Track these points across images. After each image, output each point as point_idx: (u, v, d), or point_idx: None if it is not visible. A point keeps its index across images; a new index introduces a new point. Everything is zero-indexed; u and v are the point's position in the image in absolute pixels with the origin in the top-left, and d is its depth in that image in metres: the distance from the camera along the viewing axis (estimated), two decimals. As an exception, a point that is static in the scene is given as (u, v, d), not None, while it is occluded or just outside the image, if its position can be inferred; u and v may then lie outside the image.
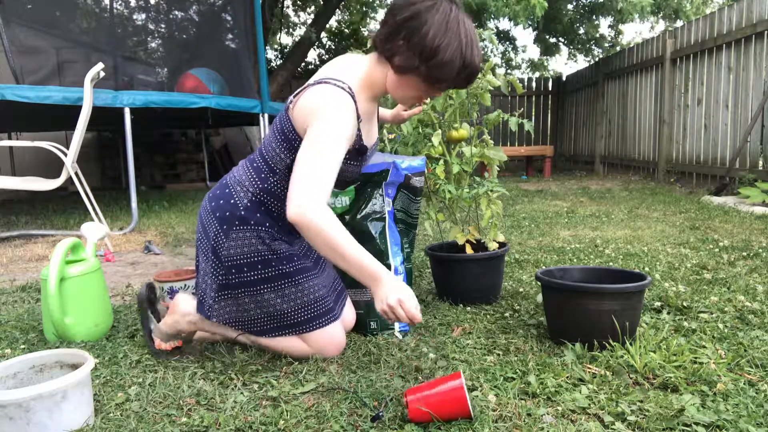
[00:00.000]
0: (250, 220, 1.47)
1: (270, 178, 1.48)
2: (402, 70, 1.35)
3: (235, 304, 1.50)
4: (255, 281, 1.48)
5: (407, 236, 1.93)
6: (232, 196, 1.49)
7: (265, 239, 1.47)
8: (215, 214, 1.50)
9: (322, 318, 1.52)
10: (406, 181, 1.81)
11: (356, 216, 1.75)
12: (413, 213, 1.93)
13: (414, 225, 1.96)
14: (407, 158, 1.82)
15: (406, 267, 1.89)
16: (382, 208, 1.75)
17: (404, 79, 1.38)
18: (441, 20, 1.29)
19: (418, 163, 1.83)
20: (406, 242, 1.92)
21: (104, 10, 5.66)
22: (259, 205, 1.48)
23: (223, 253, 1.47)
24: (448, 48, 1.30)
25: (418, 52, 1.31)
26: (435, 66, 1.32)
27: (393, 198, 1.80)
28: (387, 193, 1.76)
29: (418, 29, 1.29)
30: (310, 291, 1.51)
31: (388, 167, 1.74)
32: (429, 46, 1.29)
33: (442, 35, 1.29)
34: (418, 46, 1.30)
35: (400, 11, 1.31)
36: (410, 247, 1.96)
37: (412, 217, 1.94)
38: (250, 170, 1.51)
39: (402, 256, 1.81)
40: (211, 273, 1.51)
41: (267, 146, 1.50)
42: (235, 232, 1.47)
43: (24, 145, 3.62)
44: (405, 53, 1.33)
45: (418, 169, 1.84)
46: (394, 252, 1.75)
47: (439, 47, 1.29)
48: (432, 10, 1.29)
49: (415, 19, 1.29)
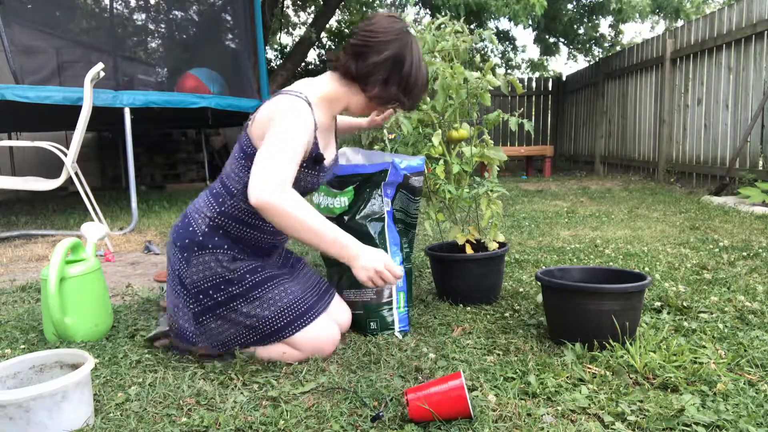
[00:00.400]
0: (208, 244, 1.50)
1: (228, 201, 1.52)
2: (382, 102, 1.51)
3: (215, 326, 1.51)
4: (226, 300, 1.49)
5: (406, 236, 1.93)
6: (191, 224, 1.53)
7: (223, 261, 1.50)
8: (176, 245, 1.54)
9: (302, 318, 1.52)
10: (405, 180, 1.81)
11: (355, 216, 1.75)
12: (412, 213, 1.93)
13: (413, 225, 1.96)
14: (406, 158, 1.82)
15: (406, 267, 1.90)
16: (381, 208, 1.75)
17: (375, 104, 1.53)
18: (416, 55, 1.47)
19: (417, 163, 1.83)
20: (405, 242, 1.92)
21: (104, 10, 5.67)
22: (216, 229, 1.52)
23: (188, 281, 1.50)
24: (420, 77, 1.50)
25: (401, 87, 1.48)
26: (414, 95, 1.51)
27: (392, 198, 1.80)
28: (386, 193, 1.76)
29: (400, 68, 1.45)
30: (283, 295, 1.52)
31: (387, 167, 1.74)
32: (410, 81, 1.48)
33: (417, 69, 1.48)
34: (401, 82, 1.47)
35: (377, 49, 1.43)
36: (409, 247, 1.96)
37: (412, 217, 1.94)
38: (209, 197, 1.56)
39: (401, 256, 1.81)
40: (183, 304, 1.53)
41: (227, 171, 1.56)
42: (195, 258, 1.50)
43: (24, 145, 3.63)
44: (386, 88, 1.48)
45: (417, 169, 1.84)
46: (393, 252, 1.75)
47: (417, 80, 1.49)
48: (407, 47, 1.44)
49: (397, 58, 1.44)
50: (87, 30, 5.45)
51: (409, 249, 1.96)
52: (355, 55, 1.45)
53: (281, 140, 1.35)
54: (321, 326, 1.54)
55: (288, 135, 1.36)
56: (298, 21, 12.79)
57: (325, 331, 1.54)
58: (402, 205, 1.88)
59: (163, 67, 6.05)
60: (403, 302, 1.74)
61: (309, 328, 1.51)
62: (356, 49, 1.45)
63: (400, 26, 1.46)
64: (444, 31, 2.08)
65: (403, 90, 1.49)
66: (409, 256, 1.96)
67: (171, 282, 1.56)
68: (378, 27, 1.43)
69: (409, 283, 1.95)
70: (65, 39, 5.01)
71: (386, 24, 1.44)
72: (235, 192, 1.51)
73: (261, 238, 1.57)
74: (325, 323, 1.55)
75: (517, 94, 9.98)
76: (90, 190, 3.61)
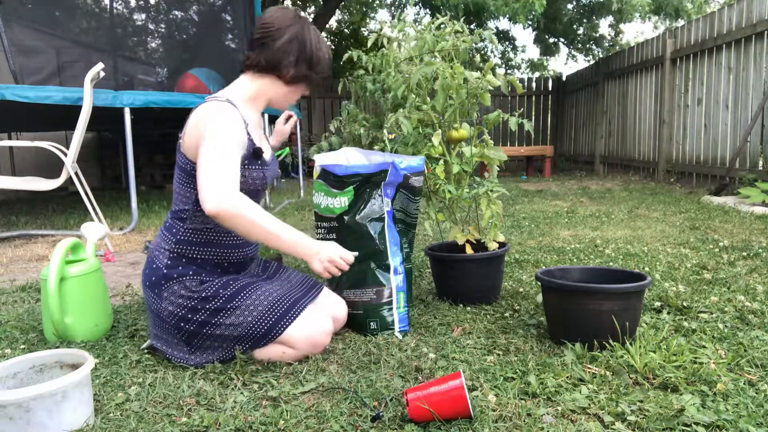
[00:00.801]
0: (173, 274, 1.53)
1: (180, 228, 1.55)
2: (296, 80, 1.60)
3: (208, 344, 1.52)
4: (207, 318, 1.50)
5: (406, 236, 1.93)
6: (154, 262, 1.56)
7: (192, 287, 1.51)
8: (146, 284, 1.57)
9: (289, 313, 1.52)
10: (405, 180, 1.81)
11: (355, 216, 1.75)
12: (412, 213, 1.93)
13: (413, 225, 1.96)
14: (406, 158, 1.82)
15: (406, 267, 1.90)
16: (381, 208, 1.75)
17: (294, 87, 1.63)
18: (314, 34, 1.61)
19: (417, 163, 1.83)
20: (405, 242, 1.92)
21: (104, 10, 5.67)
22: (179, 259, 1.54)
23: (164, 314, 1.52)
24: (323, 53, 1.62)
25: (308, 65, 1.59)
26: (320, 70, 1.63)
27: (392, 198, 1.80)
28: (386, 193, 1.77)
29: (304, 46, 1.57)
30: (263, 298, 1.53)
31: (387, 167, 1.74)
32: (314, 58, 1.59)
33: (318, 46, 1.60)
34: (307, 60, 1.58)
35: (278, 36, 1.54)
36: (409, 247, 1.96)
37: (411, 217, 1.94)
38: (163, 232, 1.60)
39: (401, 256, 1.81)
40: (171, 336, 1.54)
41: (174, 199, 1.60)
42: (164, 291, 1.52)
43: (24, 145, 3.62)
44: (296, 67, 1.58)
45: (417, 169, 1.84)
46: (393, 252, 1.76)
47: (320, 56, 1.61)
48: (303, 28, 1.57)
49: (299, 39, 1.56)
50: (87, 30, 5.45)
51: (409, 249, 1.96)
52: (261, 47, 1.55)
53: (217, 146, 1.41)
54: (310, 317, 1.54)
55: (222, 139, 1.42)
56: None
57: (314, 321, 1.54)
58: (402, 205, 1.88)
59: (163, 67, 6.05)
60: (403, 302, 1.74)
61: (298, 321, 1.52)
62: (260, 42, 1.55)
63: (292, 14, 1.59)
64: (444, 31, 2.08)
65: (310, 66, 1.60)
66: (409, 256, 1.96)
67: (152, 321, 1.58)
68: (273, 18, 1.55)
69: (409, 283, 1.95)
70: (65, 39, 5.01)
71: (279, 14, 1.57)
72: (185, 216, 1.55)
73: (227, 254, 1.59)
74: (313, 314, 1.56)
75: (517, 94, 9.98)
76: (90, 190, 3.61)
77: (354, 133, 2.26)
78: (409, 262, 1.95)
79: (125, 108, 4.12)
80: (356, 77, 2.35)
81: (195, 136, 1.46)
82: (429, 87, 2.08)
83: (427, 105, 2.01)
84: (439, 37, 2.07)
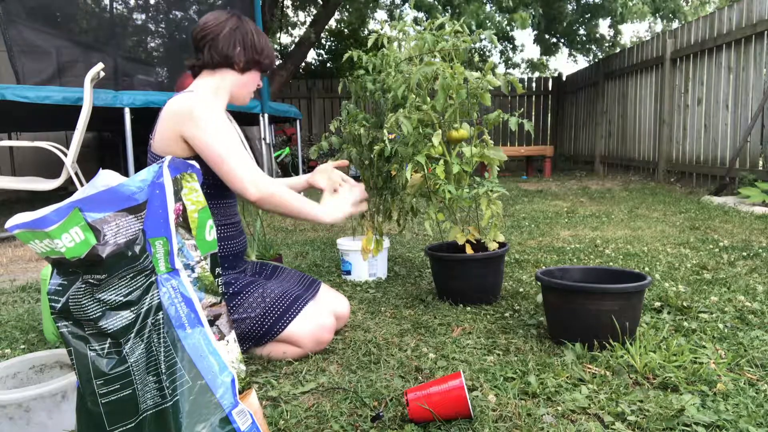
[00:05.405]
0: None
1: None
2: (248, 66, 1.67)
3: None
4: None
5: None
6: None
7: None
8: None
9: (290, 310, 1.53)
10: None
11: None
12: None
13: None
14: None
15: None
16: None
17: (248, 76, 1.69)
18: (251, 24, 1.70)
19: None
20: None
21: (104, 10, 5.67)
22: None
23: None
24: (264, 39, 1.71)
25: (253, 50, 1.66)
26: (266, 55, 1.70)
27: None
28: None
29: (246, 35, 1.65)
30: (265, 295, 1.54)
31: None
32: (257, 45, 1.67)
33: (258, 34, 1.68)
34: (251, 46, 1.66)
35: (219, 30, 1.62)
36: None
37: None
38: None
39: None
40: None
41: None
42: None
43: (24, 145, 3.62)
44: (246, 54, 1.65)
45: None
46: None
47: (262, 43, 1.69)
48: (240, 21, 1.66)
49: (240, 29, 1.65)
50: (87, 30, 5.44)
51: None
52: (208, 46, 1.62)
53: (225, 140, 1.49)
54: (311, 314, 1.55)
55: (222, 131, 1.50)
56: (298, 21, 12.79)
57: (316, 318, 1.55)
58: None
59: (163, 67, 6.05)
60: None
61: (299, 318, 1.53)
62: (205, 41, 1.62)
63: (225, 12, 1.67)
64: (444, 31, 2.08)
65: (256, 51, 1.68)
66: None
67: None
68: (208, 19, 1.64)
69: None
70: (65, 39, 5.01)
71: (213, 15, 1.66)
72: None
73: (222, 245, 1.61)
74: (315, 310, 1.57)
75: (517, 94, 9.98)
76: (90, 190, 3.60)
77: (354, 133, 2.27)
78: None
79: (125, 108, 4.12)
80: (356, 77, 2.35)
81: (172, 127, 1.50)
82: (429, 87, 2.08)
83: (427, 105, 2.01)
84: (439, 37, 2.07)
